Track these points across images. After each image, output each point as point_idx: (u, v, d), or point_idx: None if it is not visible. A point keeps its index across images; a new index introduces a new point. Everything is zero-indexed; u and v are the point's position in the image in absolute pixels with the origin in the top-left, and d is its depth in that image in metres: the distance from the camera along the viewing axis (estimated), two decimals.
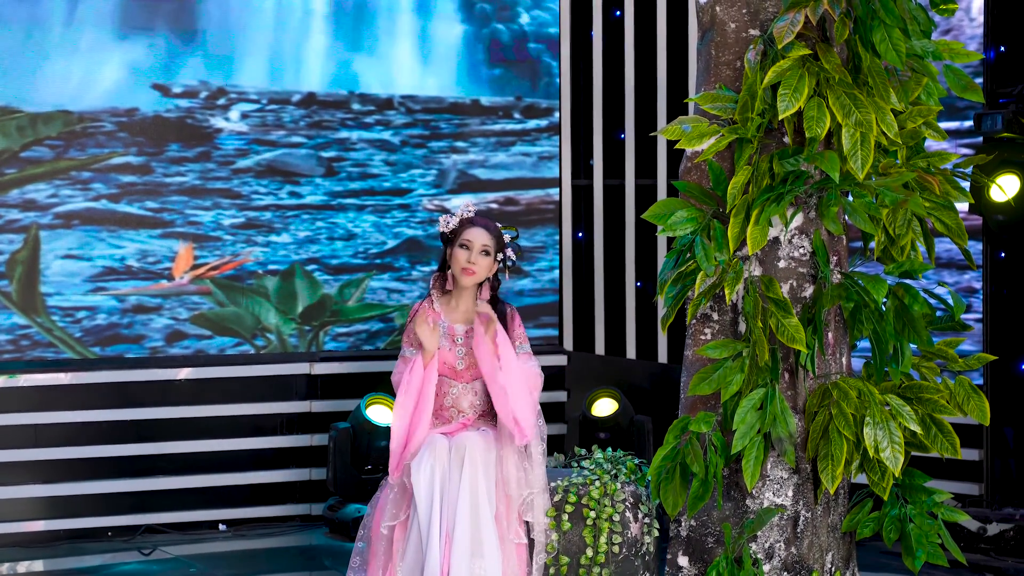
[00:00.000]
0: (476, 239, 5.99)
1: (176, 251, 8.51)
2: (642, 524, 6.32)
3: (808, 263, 5.90)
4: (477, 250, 5.98)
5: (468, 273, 5.98)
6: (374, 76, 8.92)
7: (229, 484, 8.52)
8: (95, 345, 8.38)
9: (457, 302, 6.04)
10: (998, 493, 7.82)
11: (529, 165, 9.18)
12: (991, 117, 7.61)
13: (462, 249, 5.98)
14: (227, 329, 8.59)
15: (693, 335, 6.02)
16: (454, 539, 5.76)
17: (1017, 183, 7.63)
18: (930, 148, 6.19)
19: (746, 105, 5.74)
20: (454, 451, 5.83)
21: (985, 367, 7.57)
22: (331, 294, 8.80)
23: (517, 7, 9.17)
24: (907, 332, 5.76)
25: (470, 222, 6.03)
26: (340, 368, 8.76)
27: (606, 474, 6.37)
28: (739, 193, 5.75)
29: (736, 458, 5.80)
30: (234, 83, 8.66)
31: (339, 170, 8.86)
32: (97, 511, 8.24)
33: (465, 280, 5.99)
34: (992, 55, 7.80)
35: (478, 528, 5.80)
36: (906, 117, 5.92)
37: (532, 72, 9.20)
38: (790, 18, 5.66)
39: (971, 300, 7.79)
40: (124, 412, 8.34)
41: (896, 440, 5.68)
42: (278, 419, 8.69)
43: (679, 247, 5.87)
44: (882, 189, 5.72)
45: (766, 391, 5.72)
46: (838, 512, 5.98)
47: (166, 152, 8.53)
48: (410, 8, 8.97)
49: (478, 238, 5.99)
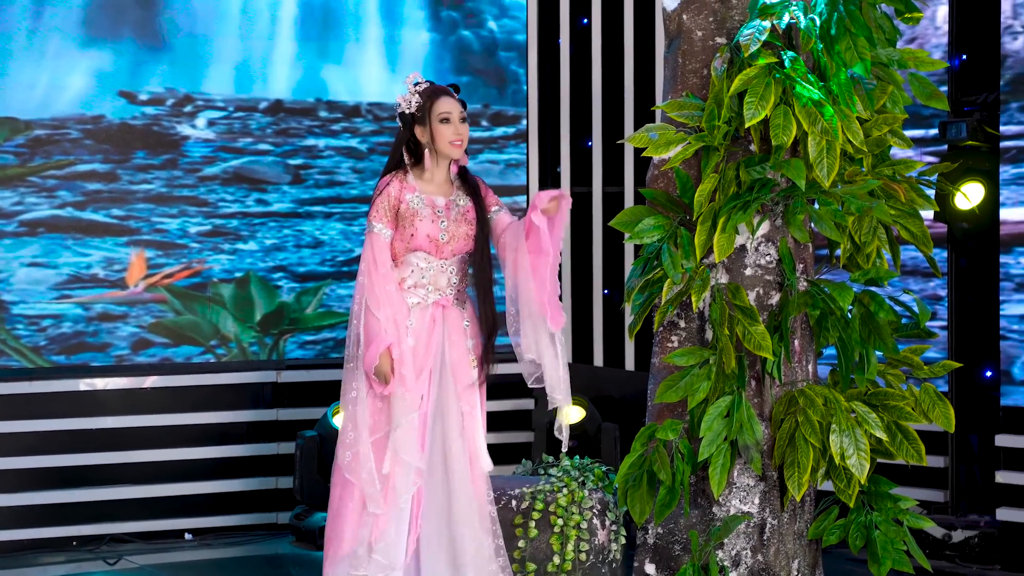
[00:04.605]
0: (453, 108, 5.79)
1: (129, 259, 8.47)
2: (609, 531, 6.32)
3: (774, 271, 5.91)
4: (458, 118, 5.79)
5: (458, 145, 5.79)
6: (341, 84, 8.91)
7: (195, 493, 8.49)
8: (60, 354, 8.35)
9: (432, 174, 5.83)
10: (963, 500, 7.85)
11: (497, 172, 9.18)
12: (956, 125, 7.64)
13: (444, 123, 5.77)
14: (185, 337, 8.56)
15: (660, 342, 6.02)
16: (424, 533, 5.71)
17: (981, 191, 7.66)
18: (895, 156, 6.22)
19: (713, 113, 5.76)
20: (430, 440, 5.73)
21: (950, 374, 7.60)
22: (289, 302, 8.78)
23: (484, 15, 9.18)
24: (873, 339, 5.79)
25: (434, 92, 5.82)
26: (307, 376, 8.74)
27: (573, 481, 6.38)
28: (706, 201, 5.77)
29: (703, 465, 5.81)
30: (201, 90, 8.64)
31: (306, 178, 8.84)
32: (61, 520, 8.20)
33: (455, 152, 5.79)
34: (957, 63, 7.84)
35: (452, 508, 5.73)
36: (872, 125, 5.94)
37: (499, 80, 9.20)
38: (756, 26, 5.68)
39: (936, 307, 7.82)
40: (89, 421, 8.30)
41: (862, 447, 5.70)
42: (244, 427, 8.66)
43: (646, 255, 5.88)
44: (848, 197, 5.74)
45: (733, 398, 5.73)
46: (804, 519, 5.99)
47: (132, 159, 8.50)
48: (377, 16, 8.96)
49: (455, 107, 5.80)
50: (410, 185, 5.79)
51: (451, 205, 5.81)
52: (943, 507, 7.83)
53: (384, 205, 5.76)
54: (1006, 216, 7.60)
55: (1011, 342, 7.58)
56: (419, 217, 5.74)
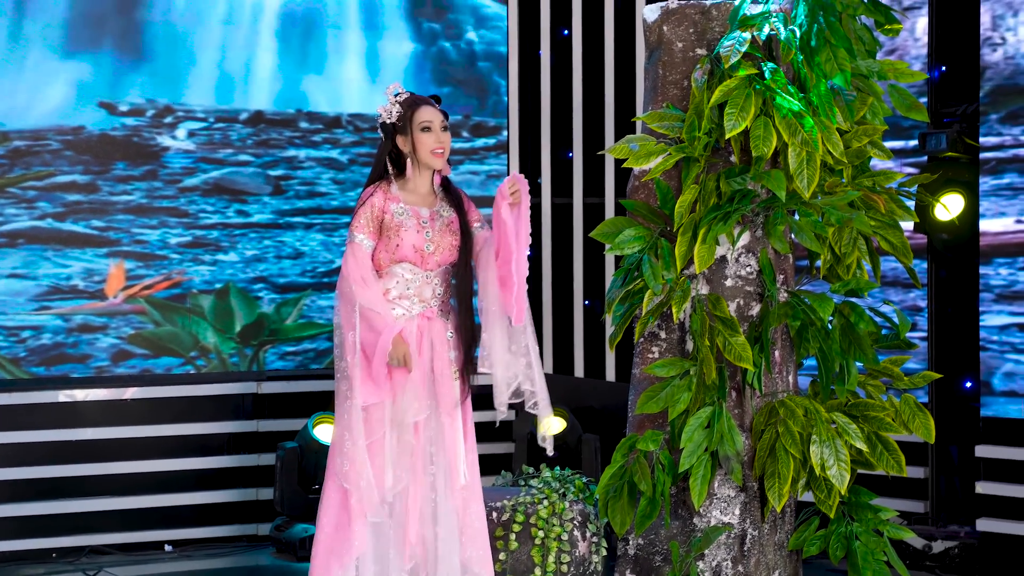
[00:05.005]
0: (434, 117, 5.76)
1: (108, 270, 8.45)
2: (590, 543, 6.32)
3: (755, 282, 5.92)
4: (439, 127, 5.76)
5: (439, 154, 5.76)
6: (322, 95, 8.90)
7: (175, 504, 8.46)
8: (40, 365, 8.32)
9: (415, 185, 5.79)
10: (943, 511, 7.86)
11: (477, 184, 9.17)
12: (936, 136, 7.66)
13: (425, 132, 5.74)
14: (165, 349, 8.54)
15: (641, 353, 6.03)
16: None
17: (961, 202, 7.68)
18: (875, 167, 6.23)
19: (693, 124, 5.77)
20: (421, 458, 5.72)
21: (930, 385, 7.61)
22: (268, 313, 8.76)
23: (465, 26, 9.18)
24: (853, 350, 5.79)
25: (414, 102, 5.79)
26: (287, 387, 8.72)
27: (554, 493, 6.37)
28: (686, 212, 5.77)
29: (684, 476, 5.81)
30: (181, 101, 8.63)
31: (287, 188, 8.83)
32: (41, 532, 8.17)
33: (437, 162, 5.76)
34: (936, 75, 7.86)
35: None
36: (852, 136, 5.96)
37: (480, 91, 9.20)
38: (736, 38, 5.69)
39: (916, 318, 7.84)
40: (69, 432, 8.28)
41: (842, 458, 5.71)
42: (225, 439, 8.64)
43: (627, 265, 5.89)
44: (828, 208, 5.75)
45: (713, 409, 5.74)
46: (785, 530, 5.99)
47: (112, 171, 8.48)
48: (358, 27, 8.96)
49: (436, 116, 5.77)
50: (394, 196, 5.77)
51: (435, 216, 5.79)
52: (923, 518, 7.84)
53: (367, 216, 5.74)
54: (986, 227, 7.62)
55: (991, 353, 7.60)
56: (404, 228, 5.72)
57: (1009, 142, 7.58)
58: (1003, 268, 7.60)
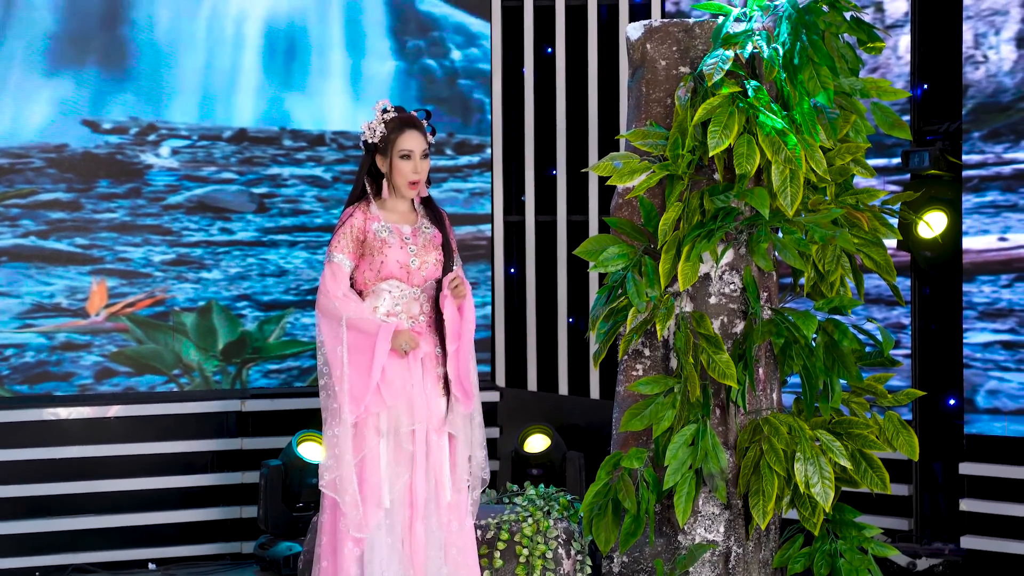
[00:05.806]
0: (416, 146, 5.70)
1: (90, 288, 8.44)
2: (575, 561, 6.31)
3: (739, 299, 5.93)
4: (419, 157, 5.71)
5: (413, 188, 5.70)
6: (306, 112, 8.90)
7: (159, 522, 8.44)
8: (23, 383, 8.30)
9: (395, 204, 5.78)
10: (927, 528, 7.87)
11: (461, 201, 9.18)
12: (918, 154, 7.68)
13: (404, 160, 5.68)
14: (148, 367, 8.52)
15: (625, 371, 6.03)
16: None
17: (944, 220, 7.70)
18: (859, 185, 6.24)
19: (677, 142, 5.78)
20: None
21: (914, 402, 7.62)
22: (251, 330, 8.75)
23: (449, 44, 9.19)
24: (837, 368, 5.80)
25: (399, 125, 5.72)
26: (271, 405, 8.71)
27: (539, 511, 6.37)
28: (670, 229, 5.78)
29: (668, 494, 5.81)
30: (165, 119, 8.62)
31: (270, 206, 8.83)
32: (25, 551, 8.15)
33: (409, 193, 5.72)
34: (919, 93, 7.88)
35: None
36: (835, 154, 5.97)
37: (464, 108, 9.21)
38: (719, 55, 5.70)
39: (900, 336, 7.85)
40: (53, 450, 8.25)
41: (826, 475, 5.71)
42: (209, 456, 8.62)
43: (610, 283, 5.89)
44: (811, 225, 5.76)
45: (697, 427, 5.74)
46: (769, 548, 5.99)
47: (96, 188, 8.47)
48: (341, 45, 8.96)
49: (417, 144, 5.70)
50: (374, 215, 5.76)
51: (417, 232, 5.79)
52: (908, 535, 7.84)
53: (347, 236, 5.73)
54: (969, 245, 7.64)
55: (974, 370, 7.61)
56: (388, 245, 5.72)
57: (991, 160, 7.60)
58: (986, 286, 7.61)
